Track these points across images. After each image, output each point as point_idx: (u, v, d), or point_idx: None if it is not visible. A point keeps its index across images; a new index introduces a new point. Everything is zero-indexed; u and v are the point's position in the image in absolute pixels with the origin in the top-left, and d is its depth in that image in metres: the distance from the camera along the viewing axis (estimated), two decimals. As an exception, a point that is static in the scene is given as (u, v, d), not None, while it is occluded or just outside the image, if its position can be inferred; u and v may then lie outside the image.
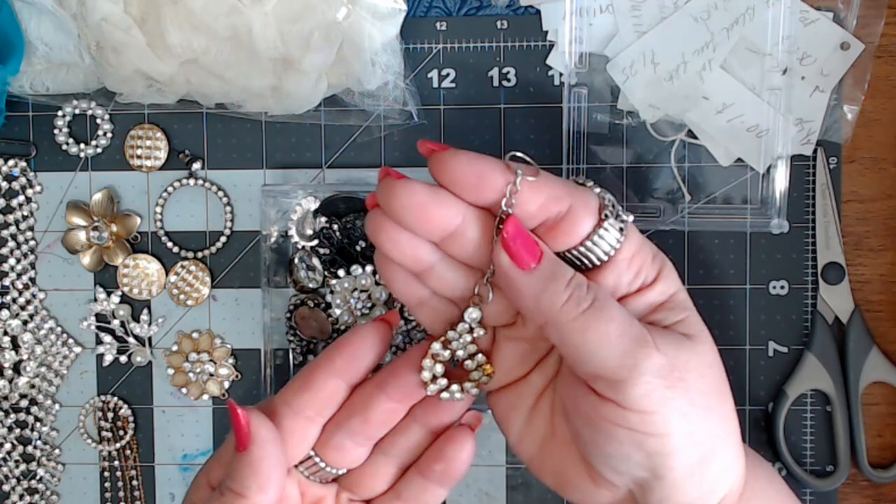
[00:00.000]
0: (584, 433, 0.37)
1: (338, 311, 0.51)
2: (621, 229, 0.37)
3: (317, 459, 0.40)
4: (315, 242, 0.52)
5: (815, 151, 0.51)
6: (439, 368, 0.39)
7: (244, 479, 0.36)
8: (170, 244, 0.54)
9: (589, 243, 0.36)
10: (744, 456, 0.39)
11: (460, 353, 0.39)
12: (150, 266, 0.54)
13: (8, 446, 0.55)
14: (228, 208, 0.54)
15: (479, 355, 0.39)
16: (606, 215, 0.36)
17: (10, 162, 0.54)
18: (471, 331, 0.39)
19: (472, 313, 0.38)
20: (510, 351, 0.40)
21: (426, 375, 0.38)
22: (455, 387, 0.39)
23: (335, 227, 0.51)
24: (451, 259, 0.38)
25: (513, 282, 0.36)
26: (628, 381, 0.35)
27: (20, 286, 0.54)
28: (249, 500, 0.37)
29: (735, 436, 0.38)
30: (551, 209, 0.36)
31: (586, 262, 0.37)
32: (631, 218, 0.37)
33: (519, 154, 0.37)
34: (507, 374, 0.40)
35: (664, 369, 0.35)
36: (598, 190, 0.37)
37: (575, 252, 0.37)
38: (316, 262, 0.52)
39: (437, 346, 0.39)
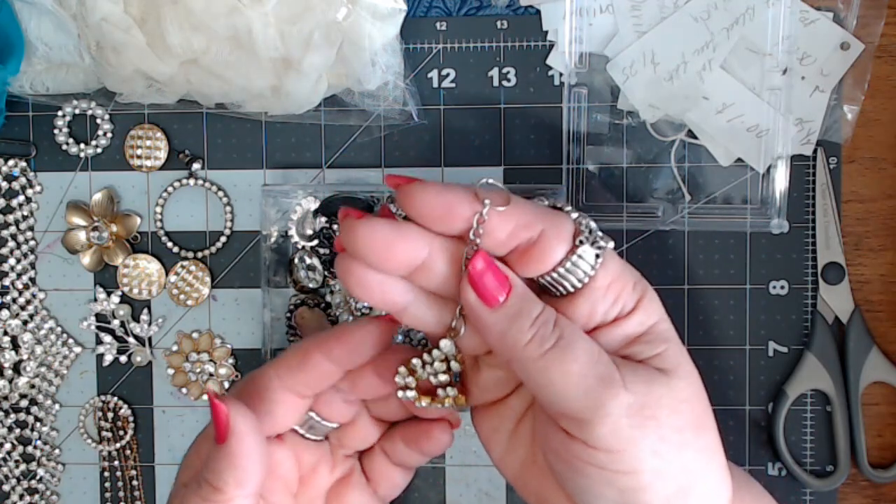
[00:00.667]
0: (557, 468, 0.37)
1: (338, 311, 0.51)
2: (597, 256, 0.36)
3: (311, 414, 0.40)
4: (315, 242, 0.52)
5: (815, 151, 0.51)
6: (411, 381, 0.38)
7: (222, 472, 0.36)
8: (170, 244, 0.54)
9: (562, 269, 0.36)
10: (729, 480, 0.38)
11: (432, 379, 0.38)
12: (150, 266, 0.54)
13: (8, 446, 0.55)
14: (228, 208, 0.54)
15: (450, 388, 0.38)
16: (581, 241, 0.36)
17: (10, 162, 0.54)
18: (445, 360, 0.38)
19: (444, 345, 0.37)
20: (488, 375, 0.39)
21: (399, 381, 0.38)
22: (426, 401, 0.38)
23: (335, 227, 0.51)
24: (424, 296, 0.37)
25: (478, 318, 0.35)
26: (594, 420, 0.34)
27: (20, 286, 0.54)
28: (226, 495, 0.36)
29: (717, 464, 0.37)
30: (521, 236, 0.35)
31: (560, 288, 0.36)
32: (610, 244, 0.36)
33: (490, 181, 0.36)
34: (484, 395, 0.40)
35: (632, 408, 0.34)
36: (575, 215, 0.37)
37: (548, 278, 0.36)
38: (316, 262, 0.52)
39: (416, 361, 0.38)
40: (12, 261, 0.54)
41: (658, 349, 0.37)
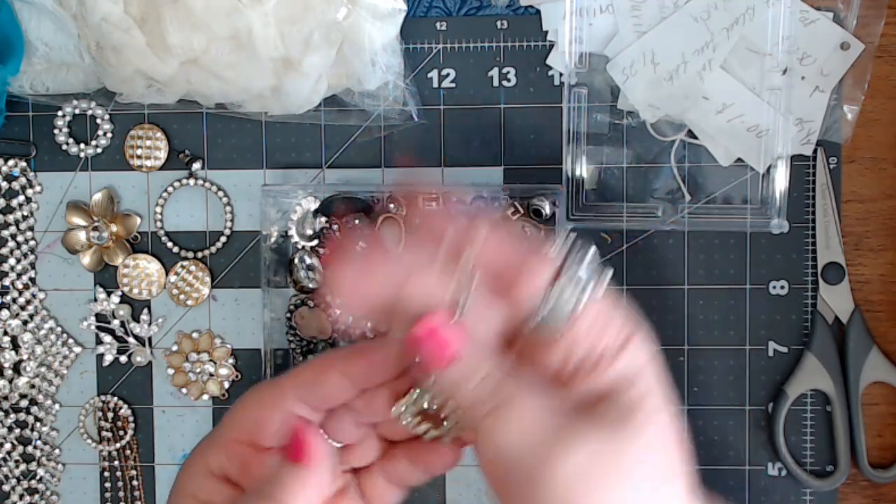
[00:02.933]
0: None
1: (338, 311, 0.51)
2: (572, 311, 0.35)
3: (319, 432, 0.40)
4: (315, 242, 0.52)
5: (815, 151, 0.51)
6: (411, 410, 0.38)
7: (292, 493, 0.36)
8: (170, 244, 0.54)
9: (537, 317, 0.36)
10: None
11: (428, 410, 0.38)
12: (150, 266, 0.54)
13: (8, 446, 0.55)
14: (228, 208, 0.54)
15: (447, 422, 0.37)
16: (553, 291, 0.35)
17: (10, 162, 0.54)
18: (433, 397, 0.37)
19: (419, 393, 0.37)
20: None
21: (395, 411, 0.38)
22: (425, 427, 0.38)
23: (335, 227, 0.51)
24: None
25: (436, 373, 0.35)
26: (537, 482, 0.34)
27: (20, 286, 0.54)
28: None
29: None
30: (503, 263, 0.36)
31: (539, 333, 0.36)
32: (587, 295, 0.36)
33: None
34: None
35: (582, 465, 0.34)
36: (557, 252, 0.36)
37: (536, 316, 0.36)
38: (316, 262, 0.52)
39: (403, 401, 0.38)
40: (12, 261, 0.54)
41: (634, 396, 0.35)
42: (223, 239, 0.54)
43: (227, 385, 0.54)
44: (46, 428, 0.55)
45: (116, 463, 0.55)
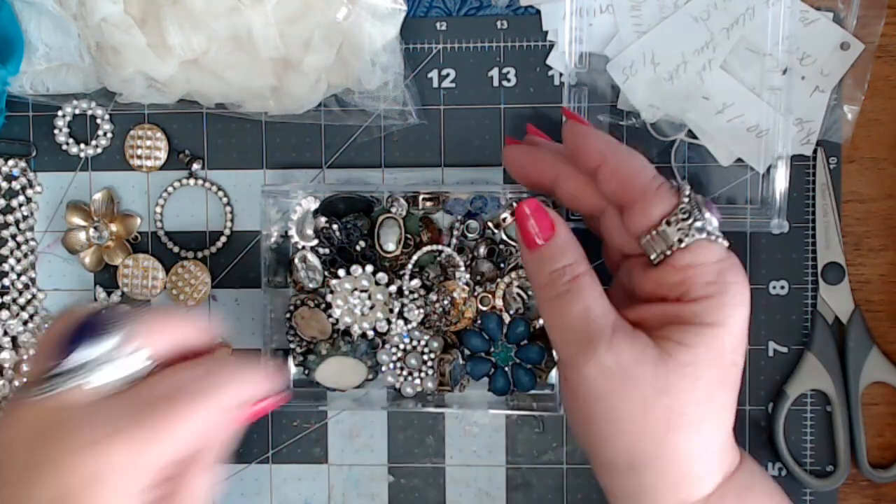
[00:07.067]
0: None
1: (338, 311, 0.51)
2: (679, 240, 0.39)
3: None
4: (315, 242, 0.52)
5: (815, 151, 0.51)
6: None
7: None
8: (170, 244, 0.54)
9: (647, 238, 0.41)
10: (723, 465, 0.41)
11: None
12: (150, 266, 0.54)
13: (8, 446, 0.55)
14: (228, 208, 0.54)
15: None
16: (669, 222, 0.40)
17: (10, 162, 0.54)
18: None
19: None
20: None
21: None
22: None
23: (335, 227, 0.51)
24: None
25: (521, 252, 0.43)
26: (566, 369, 0.40)
27: (20, 286, 0.54)
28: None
29: (707, 447, 0.40)
30: (623, 195, 0.41)
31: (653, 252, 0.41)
32: (703, 235, 0.40)
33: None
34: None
35: (607, 368, 0.38)
36: (686, 199, 0.40)
37: (644, 240, 0.41)
38: (316, 262, 0.52)
39: None
40: (12, 261, 0.54)
41: (686, 329, 0.40)
42: (223, 239, 0.54)
43: (227, 385, 0.54)
44: (46, 428, 0.55)
45: (116, 463, 0.55)
